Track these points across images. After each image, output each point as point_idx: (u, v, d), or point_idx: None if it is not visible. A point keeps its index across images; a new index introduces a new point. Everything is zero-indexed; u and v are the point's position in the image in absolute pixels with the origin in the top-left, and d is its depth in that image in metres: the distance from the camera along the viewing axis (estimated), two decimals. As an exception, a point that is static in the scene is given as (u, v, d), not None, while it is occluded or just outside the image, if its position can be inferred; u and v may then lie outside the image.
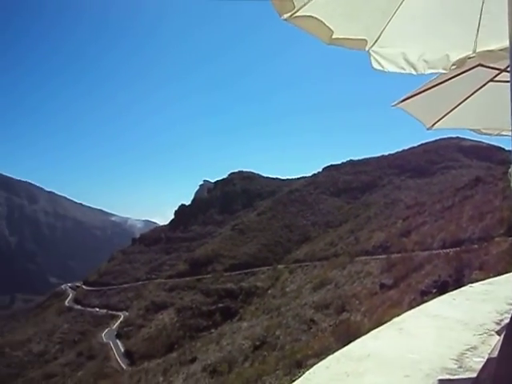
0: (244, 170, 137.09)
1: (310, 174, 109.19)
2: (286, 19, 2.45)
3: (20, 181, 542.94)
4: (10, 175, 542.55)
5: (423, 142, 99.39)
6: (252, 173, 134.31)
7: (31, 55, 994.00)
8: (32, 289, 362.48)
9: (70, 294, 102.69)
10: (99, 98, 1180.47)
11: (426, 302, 4.99)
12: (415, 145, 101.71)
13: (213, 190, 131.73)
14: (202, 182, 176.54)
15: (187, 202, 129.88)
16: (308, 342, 16.73)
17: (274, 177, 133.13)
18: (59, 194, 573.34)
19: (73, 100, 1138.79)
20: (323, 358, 3.35)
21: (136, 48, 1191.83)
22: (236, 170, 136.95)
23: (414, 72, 2.93)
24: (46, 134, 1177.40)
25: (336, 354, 3.37)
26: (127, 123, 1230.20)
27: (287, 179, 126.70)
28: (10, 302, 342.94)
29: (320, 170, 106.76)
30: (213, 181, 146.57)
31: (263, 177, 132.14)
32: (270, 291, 44.45)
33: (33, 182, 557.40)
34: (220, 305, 54.97)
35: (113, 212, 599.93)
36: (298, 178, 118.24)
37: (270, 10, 2.42)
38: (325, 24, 2.57)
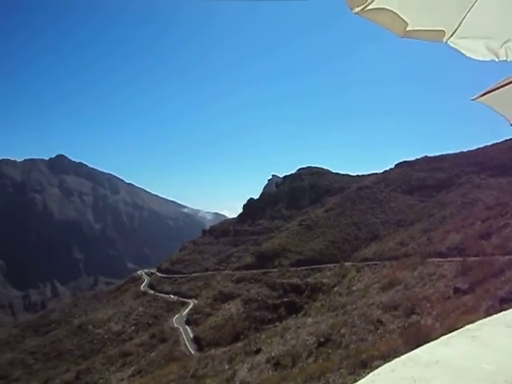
0: (313, 165, 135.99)
1: (381, 171, 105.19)
2: (357, 13, 2.41)
3: (104, 173, 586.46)
4: (95, 167, 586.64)
5: (507, 138, 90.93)
6: (321, 168, 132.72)
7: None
8: (112, 272, 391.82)
9: (145, 280, 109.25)
10: (175, 97, 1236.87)
11: (505, 310, 4.57)
12: (498, 141, 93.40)
13: (281, 184, 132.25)
14: (270, 177, 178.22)
15: (255, 196, 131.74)
16: (374, 342, 16.27)
17: (344, 173, 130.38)
18: (138, 185, 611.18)
19: (157, 102, 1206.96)
20: (389, 361, 3.22)
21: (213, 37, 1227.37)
22: (305, 166, 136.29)
23: (495, 59, 2.77)
24: (128, 131, 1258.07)
25: (403, 357, 3.23)
26: (200, 119, 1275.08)
27: (357, 175, 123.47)
28: (94, 284, 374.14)
29: (392, 166, 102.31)
30: (281, 176, 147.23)
31: (332, 173, 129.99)
32: (336, 288, 43.75)
33: (115, 174, 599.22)
34: (285, 299, 55.23)
35: (185, 204, 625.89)
36: (368, 175, 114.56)
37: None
38: (399, 16, 2.49)
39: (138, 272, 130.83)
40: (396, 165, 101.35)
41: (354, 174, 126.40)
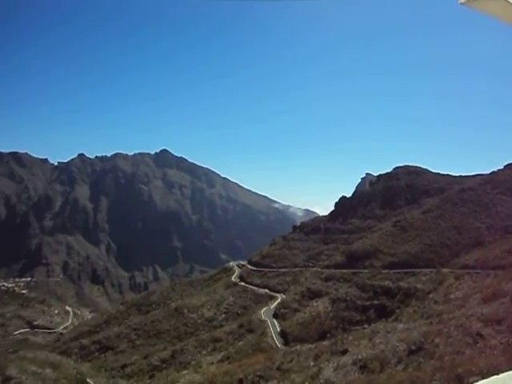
0: (410, 164, 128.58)
1: (487, 172, 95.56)
2: (463, 3, 2.35)
3: (202, 167, 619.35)
4: (194, 162, 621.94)
5: None
6: (419, 167, 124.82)
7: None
8: (206, 262, 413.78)
9: (236, 271, 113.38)
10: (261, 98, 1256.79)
11: None
12: None
13: (375, 183, 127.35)
14: (364, 175, 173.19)
15: (348, 195, 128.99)
16: (472, 357, 15.05)
17: (444, 173, 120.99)
18: (232, 180, 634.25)
19: (253, 101, 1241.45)
20: (487, 377, 3.05)
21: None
22: (401, 164, 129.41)
23: None
24: (225, 128, 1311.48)
25: (502, 375, 3.03)
26: (293, 115, 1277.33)
27: (459, 176, 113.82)
28: (189, 271, 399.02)
29: (501, 167, 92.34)
30: (376, 174, 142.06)
31: (431, 172, 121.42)
32: (431, 295, 41.12)
33: (212, 169, 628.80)
34: (375, 301, 53.36)
35: (276, 199, 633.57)
36: (472, 176, 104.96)
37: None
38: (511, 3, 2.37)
39: (230, 263, 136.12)
40: (505, 166, 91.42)
41: (457, 175, 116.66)
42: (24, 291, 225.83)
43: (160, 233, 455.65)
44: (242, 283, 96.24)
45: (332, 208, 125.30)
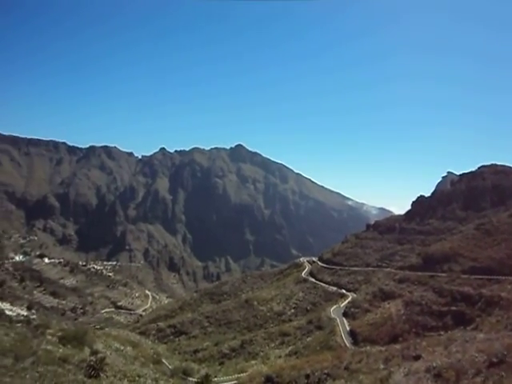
0: (498, 163, 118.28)
1: None
2: None
3: (275, 162, 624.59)
4: (268, 157, 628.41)
5: None
6: (508, 167, 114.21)
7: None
8: (277, 256, 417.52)
9: (307, 267, 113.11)
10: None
11: None
12: None
13: (457, 182, 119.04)
14: (445, 174, 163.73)
15: (427, 194, 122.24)
16: None
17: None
18: (305, 176, 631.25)
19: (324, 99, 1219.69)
20: None
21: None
22: (488, 163, 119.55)
23: None
24: (299, 125, 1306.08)
25: None
26: (369, 113, 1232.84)
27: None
28: (260, 265, 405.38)
29: None
30: (458, 173, 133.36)
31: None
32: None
33: (285, 164, 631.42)
34: (453, 307, 50.09)
35: (350, 196, 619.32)
36: None
37: None
38: None
39: (301, 259, 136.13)
40: None
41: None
42: (110, 274, 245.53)
43: (233, 226, 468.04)
44: (312, 279, 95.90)
45: (409, 207, 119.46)
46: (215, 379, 36.92)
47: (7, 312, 48.71)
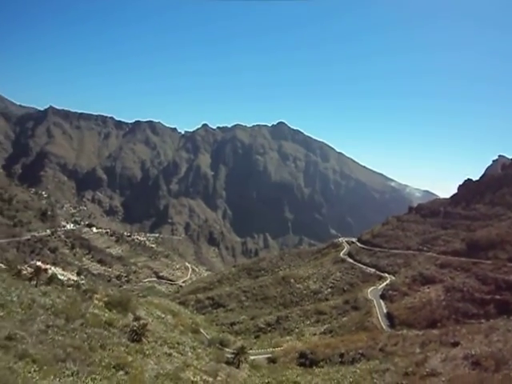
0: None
1: None
2: None
3: (317, 141, 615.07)
4: (310, 135, 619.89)
5: None
6: None
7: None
8: (315, 235, 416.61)
9: (345, 248, 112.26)
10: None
11: None
12: None
13: (509, 167, 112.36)
14: (496, 157, 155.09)
15: (475, 178, 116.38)
16: None
17: None
18: (347, 155, 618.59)
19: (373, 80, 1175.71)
20: None
21: None
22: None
23: None
24: (343, 103, 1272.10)
25: None
26: (417, 89, 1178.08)
27: None
28: (298, 243, 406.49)
29: None
30: (510, 157, 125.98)
31: None
32: None
33: (327, 143, 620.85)
34: (497, 296, 48.25)
35: (393, 177, 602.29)
36: None
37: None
38: None
39: (339, 239, 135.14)
40: None
41: None
42: (153, 245, 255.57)
43: (273, 203, 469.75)
44: (351, 260, 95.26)
45: (455, 191, 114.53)
46: (250, 351, 38.01)
47: (59, 276, 52.17)
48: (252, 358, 36.42)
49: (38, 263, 66.48)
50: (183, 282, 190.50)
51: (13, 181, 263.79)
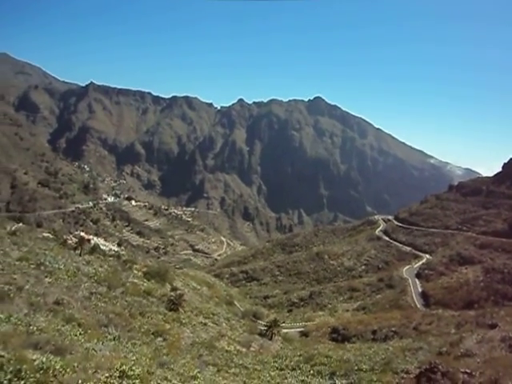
0: None
1: None
2: None
3: (355, 116, 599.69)
4: (347, 110, 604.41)
5: None
6: None
7: None
8: (351, 212, 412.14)
9: (381, 225, 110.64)
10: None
11: None
12: None
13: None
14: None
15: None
16: None
17: None
18: (386, 131, 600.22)
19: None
20: None
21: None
22: None
23: None
24: (382, 76, 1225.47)
25: None
26: (460, 64, 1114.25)
27: None
28: (333, 220, 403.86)
29: None
30: None
31: None
32: None
33: (365, 118, 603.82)
34: (539, 279, 46.53)
35: (432, 155, 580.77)
36: None
37: None
38: None
39: (375, 216, 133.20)
40: None
41: None
42: (189, 219, 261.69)
43: (308, 179, 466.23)
44: (386, 238, 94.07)
45: (499, 169, 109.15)
46: (283, 325, 38.81)
47: (101, 247, 54.71)
48: (284, 331, 37.22)
49: (82, 234, 69.94)
50: (218, 256, 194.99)
51: (58, 155, 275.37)
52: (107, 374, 9.13)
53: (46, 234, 54.93)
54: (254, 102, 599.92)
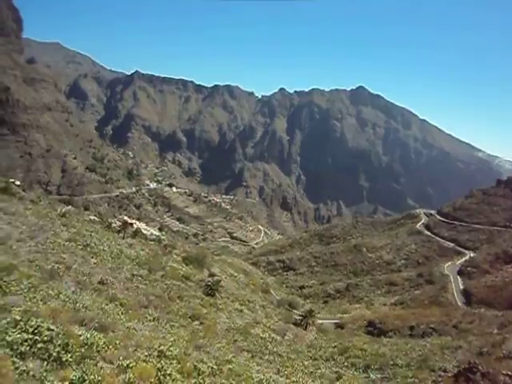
0: None
1: None
2: None
3: (399, 107, 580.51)
4: (391, 101, 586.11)
5: None
6: None
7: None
8: (391, 205, 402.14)
9: (423, 219, 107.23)
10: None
11: None
12: None
13: None
14: None
15: None
16: None
17: None
18: (431, 123, 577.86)
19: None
20: None
21: None
22: None
23: None
24: (429, 66, 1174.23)
25: None
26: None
27: None
28: (373, 212, 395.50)
29: None
30: None
31: None
32: None
33: (409, 109, 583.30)
34: None
35: (481, 148, 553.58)
36: None
37: None
38: None
39: (417, 210, 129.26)
40: None
41: None
42: (228, 207, 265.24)
43: (348, 170, 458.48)
44: (428, 233, 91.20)
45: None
46: (318, 315, 38.80)
47: (143, 231, 56.71)
48: (319, 322, 37.23)
49: (125, 218, 72.70)
50: (255, 244, 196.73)
51: (104, 141, 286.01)
52: (146, 353, 9.60)
53: (92, 217, 57.58)
54: (296, 91, 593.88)
